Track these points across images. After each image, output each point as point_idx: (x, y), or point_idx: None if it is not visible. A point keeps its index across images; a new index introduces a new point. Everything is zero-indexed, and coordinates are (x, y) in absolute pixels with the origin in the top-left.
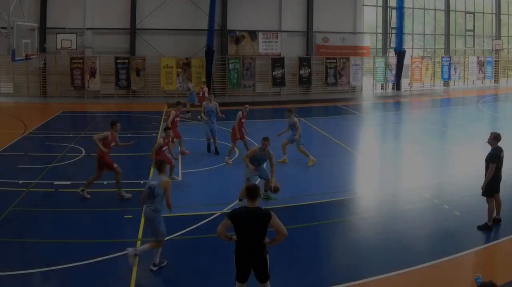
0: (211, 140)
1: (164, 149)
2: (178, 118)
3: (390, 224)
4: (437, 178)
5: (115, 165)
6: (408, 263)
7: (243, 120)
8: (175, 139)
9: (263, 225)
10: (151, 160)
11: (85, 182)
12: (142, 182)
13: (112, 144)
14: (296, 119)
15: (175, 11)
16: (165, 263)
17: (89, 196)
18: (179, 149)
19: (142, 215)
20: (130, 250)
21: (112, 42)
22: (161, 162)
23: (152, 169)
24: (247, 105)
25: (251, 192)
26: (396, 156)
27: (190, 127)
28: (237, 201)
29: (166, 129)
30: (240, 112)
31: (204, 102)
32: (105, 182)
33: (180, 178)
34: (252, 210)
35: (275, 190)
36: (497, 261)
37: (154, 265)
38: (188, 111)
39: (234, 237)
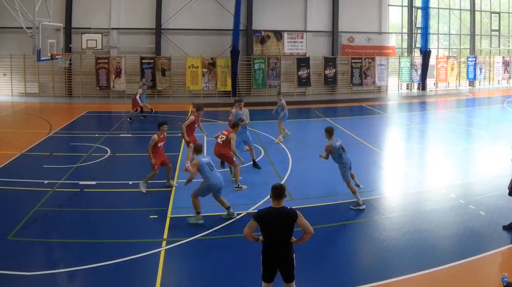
0: (249, 151)
1: (159, 145)
2: (197, 124)
3: (415, 224)
4: (462, 178)
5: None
6: (433, 263)
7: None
8: (191, 144)
9: (289, 225)
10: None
11: (110, 182)
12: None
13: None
14: (283, 101)
15: (200, 11)
16: None
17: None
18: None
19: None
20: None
21: (138, 42)
22: (199, 145)
23: (177, 168)
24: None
25: (277, 192)
26: (421, 156)
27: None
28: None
29: (161, 124)
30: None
31: (234, 109)
32: (130, 182)
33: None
34: (278, 210)
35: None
36: None
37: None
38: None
39: (261, 237)
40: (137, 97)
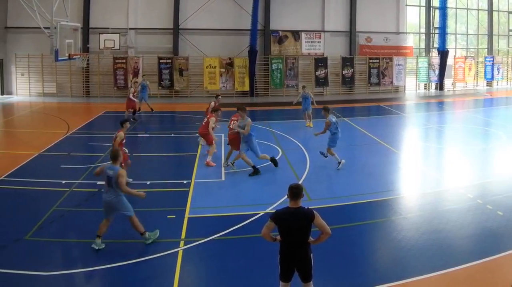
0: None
1: (123, 141)
2: (215, 125)
3: (433, 224)
4: (480, 178)
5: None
6: (451, 263)
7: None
8: (214, 142)
9: (306, 225)
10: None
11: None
12: (185, 181)
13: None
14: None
15: (218, 11)
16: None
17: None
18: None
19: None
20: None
21: (155, 42)
22: (117, 152)
23: (195, 168)
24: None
25: (294, 192)
26: (439, 156)
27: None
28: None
29: (124, 122)
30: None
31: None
32: (148, 182)
33: (223, 178)
34: (295, 210)
35: None
36: None
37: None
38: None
39: (278, 237)
40: (131, 96)
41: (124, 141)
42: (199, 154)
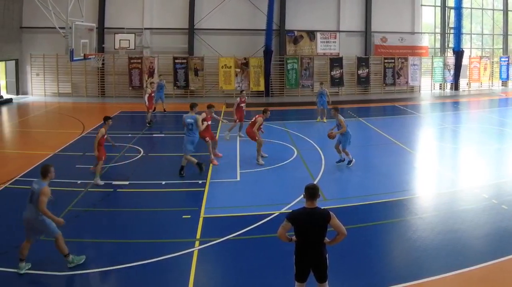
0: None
1: (105, 137)
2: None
3: (448, 224)
4: (495, 178)
5: None
6: (466, 263)
7: (241, 104)
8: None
9: (322, 225)
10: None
11: (143, 182)
12: (200, 182)
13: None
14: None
15: (233, 11)
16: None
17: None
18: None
19: (201, 217)
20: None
21: (170, 42)
22: (47, 167)
23: (210, 167)
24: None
25: (310, 192)
26: (454, 156)
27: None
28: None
29: (106, 119)
30: (238, 98)
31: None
32: (163, 182)
33: (238, 178)
34: (311, 210)
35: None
36: None
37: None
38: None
39: (294, 238)
40: (146, 97)
41: (105, 137)
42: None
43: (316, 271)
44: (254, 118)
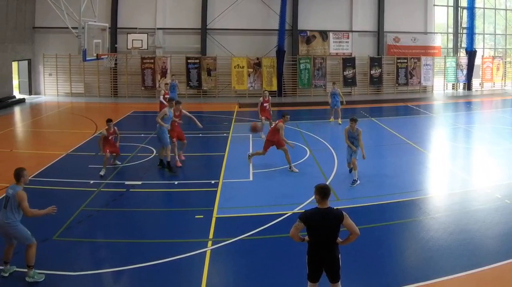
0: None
1: (110, 137)
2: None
3: (461, 223)
4: (508, 178)
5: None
6: (479, 263)
7: (265, 104)
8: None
9: (335, 225)
10: (98, 149)
11: (155, 182)
12: (213, 181)
13: (111, 137)
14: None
15: (246, 11)
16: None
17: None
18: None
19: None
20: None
21: (183, 42)
22: (19, 171)
23: (223, 168)
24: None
25: (323, 192)
26: (467, 156)
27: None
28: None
29: (108, 121)
30: (261, 98)
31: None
32: (175, 182)
33: (251, 178)
34: (324, 210)
35: None
36: None
37: (30, 268)
38: None
39: (307, 238)
40: (161, 99)
41: (110, 138)
42: (227, 154)
43: (328, 271)
44: (274, 124)
